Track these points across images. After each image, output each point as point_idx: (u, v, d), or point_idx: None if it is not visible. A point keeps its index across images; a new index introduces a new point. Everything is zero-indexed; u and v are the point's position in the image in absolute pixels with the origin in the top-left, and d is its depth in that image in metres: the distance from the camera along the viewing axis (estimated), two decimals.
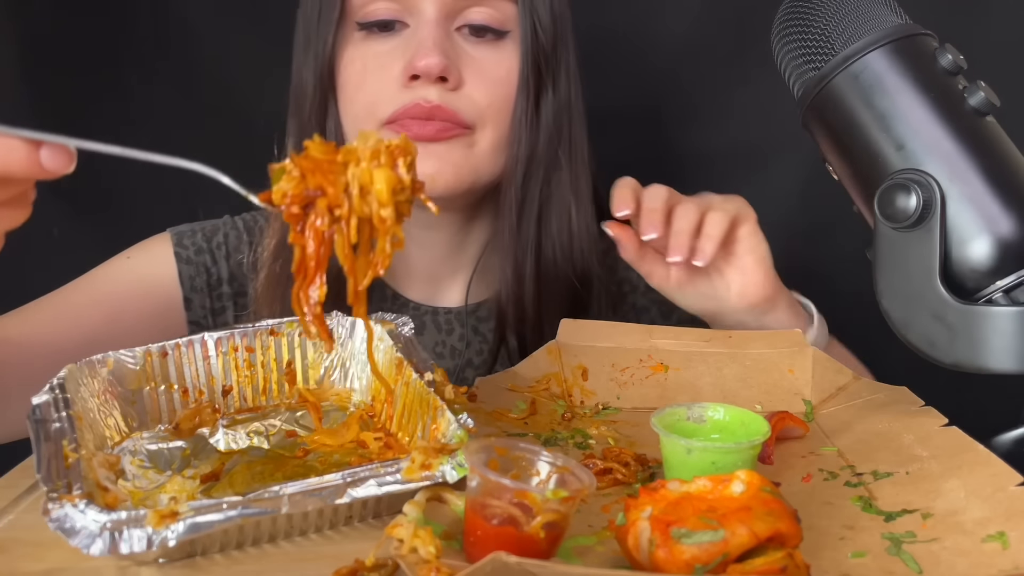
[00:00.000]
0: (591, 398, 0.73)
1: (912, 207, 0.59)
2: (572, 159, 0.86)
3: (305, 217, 0.50)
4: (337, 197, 0.49)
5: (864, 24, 0.62)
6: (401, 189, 0.50)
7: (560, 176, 0.86)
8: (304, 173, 0.49)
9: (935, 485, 0.53)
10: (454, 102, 0.79)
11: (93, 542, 0.44)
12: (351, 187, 0.49)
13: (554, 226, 0.86)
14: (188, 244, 0.89)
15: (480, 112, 0.81)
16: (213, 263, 0.89)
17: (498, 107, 0.82)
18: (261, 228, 0.92)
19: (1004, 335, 0.57)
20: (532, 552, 0.43)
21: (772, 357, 0.74)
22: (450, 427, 0.53)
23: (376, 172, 0.49)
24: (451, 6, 0.80)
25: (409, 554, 0.43)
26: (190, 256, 0.89)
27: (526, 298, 0.85)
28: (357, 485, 0.48)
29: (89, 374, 0.59)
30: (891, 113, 0.61)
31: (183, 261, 0.88)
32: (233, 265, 0.90)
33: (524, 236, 0.85)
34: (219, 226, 0.91)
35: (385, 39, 0.81)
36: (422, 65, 0.77)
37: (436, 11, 0.79)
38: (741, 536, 0.42)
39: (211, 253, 0.89)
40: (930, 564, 0.46)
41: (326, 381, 0.67)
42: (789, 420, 0.65)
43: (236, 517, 0.46)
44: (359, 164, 0.49)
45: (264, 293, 0.86)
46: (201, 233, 0.90)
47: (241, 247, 0.90)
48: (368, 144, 0.50)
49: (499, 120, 0.82)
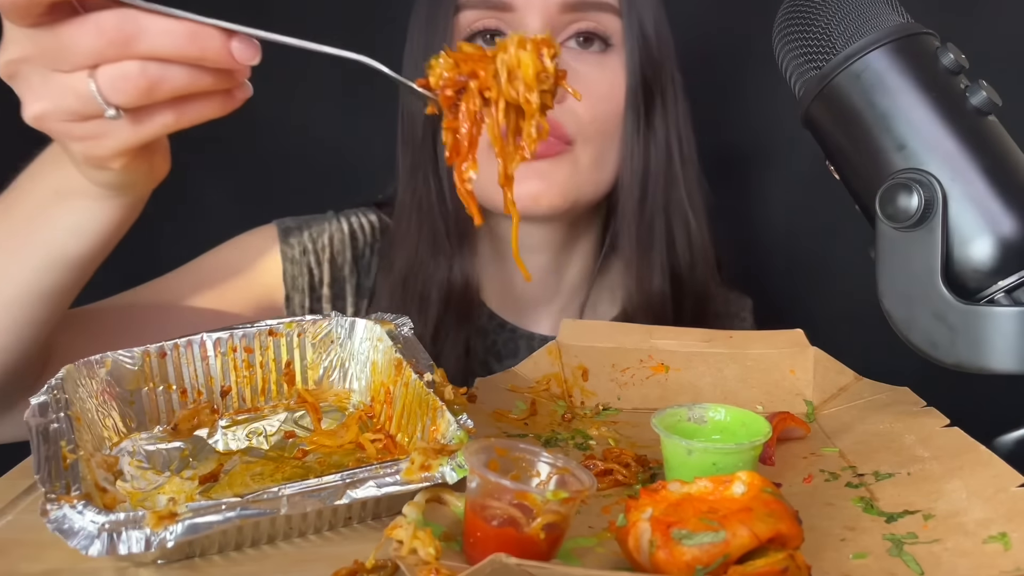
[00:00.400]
0: (591, 399, 0.73)
1: (914, 207, 0.59)
2: (687, 175, 0.86)
3: (457, 103, 0.55)
4: (487, 80, 0.54)
5: (865, 23, 0.62)
6: (545, 77, 0.54)
7: (678, 192, 0.85)
8: (457, 62, 0.55)
9: (936, 486, 0.53)
10: (558, 116, 0.79)
11: (91, 543, 0.44)
12: (499, 72, 0.54)
13: (679, 243, 0.86)
14: (294, 243, 0.90)
15: (582, 127, 0.81)
16: (317, 264, 0.90)
17: (601, 123, 0.82)
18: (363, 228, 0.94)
19: (1006, 335, 0.57)
20: (532, 553, 0.43)
21: (773, 357, 0.74)
22: (450, 428, 0.53)
23: (522, 55, 0.54)
24: (556, 19, 0.81)
25: (408, 555, 0.43)
26: (295, 256, 0.90)
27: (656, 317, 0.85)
28: (356, 486, 0.48)
29: (87, 374, 0.59)
30: (893, 112, 0.61)
31: (288, 260, 0.89)
32: (335, 268, 0.91)
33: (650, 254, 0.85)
34: (325, 227, 0.92)
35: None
36: None
37: (541, 26, 0.80)
38: (742, 537, 0.41)
39: (316, 255, 0.90)
40: (931, 565, 0.46)
41: (325, 382, 0.67)
42: (790, 421, 0.65)
43: (235, 518, 0.46)
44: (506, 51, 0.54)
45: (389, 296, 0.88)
46: (308, 233, 0.91)
47: (345, 251, 0.91)
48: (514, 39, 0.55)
49: (600, 136, 0.82)
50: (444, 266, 0.85)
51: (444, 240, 0.86)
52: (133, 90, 0.48)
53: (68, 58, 0.48)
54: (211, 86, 0.50)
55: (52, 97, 0.50)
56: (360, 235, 0.93)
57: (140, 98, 0.49)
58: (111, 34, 0.47)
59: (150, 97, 0.49)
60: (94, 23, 0.47)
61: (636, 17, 0.82)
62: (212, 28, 0.48)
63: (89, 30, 0.47)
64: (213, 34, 0.48)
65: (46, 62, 0.49)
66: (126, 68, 0.47)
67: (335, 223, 0.93)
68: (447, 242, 0.86)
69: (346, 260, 0.92)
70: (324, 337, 0.67)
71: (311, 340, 0.66)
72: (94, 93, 0.48)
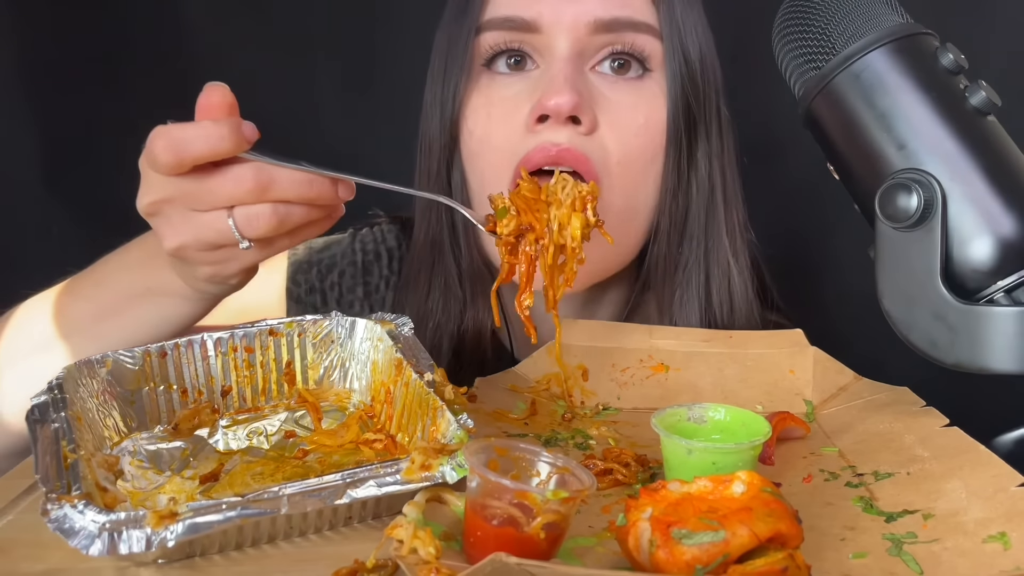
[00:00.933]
0: (591, 398, 0.73)
1: (913, 207, 0.59)
2: (728, 217, 0.77)
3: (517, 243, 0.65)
4: (542, 231, 0.65)
5: (865, 23, 0.62)
6: (587, 225, 0.65)
7: (719, 238, 0.77)
8: (519, 211, 0.64)
9: (936, 486, 0.53)
10: (585, 145, 0.71)
11: (92, 543, 0.44)
12: (551, 223, 0.64)
13: (716, 293, 0.77)
14: (301, 281, 0.87)
15: (608, 164, 0.72)
16: (323, 304, 0.88)
17: (631, 160, 0.73)
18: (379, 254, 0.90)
19: (1005, 335, 0.57)
20: (532, 553, 0.43)
21: (773, 357, 0.74)
22: (450, 427, 0.53)
23: (573, 216, 0.64)
24: (587, 42, 0.72)
25: (409, 555, 0.43)
26: (301, 295, 0.87)
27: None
28: (357, 486, 0.48)
29: (88, 374, 0.59)
30: (892, 113, 0.61)
31: (293, 299, 0.87)
32: (344, 307, 0.87)
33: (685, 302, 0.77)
34: (336, 260, 0.89)
35: (513, 81, 0.75)
36: (552, 104, 0.69)
37: (570, 48, 0.72)
38: (742, 537, 0.41)
39: (322, 294, 0.88)
40: (931, 565, 0.46)
41: (325, 381, 0.67)
42: (790, 420, 0.65)
43: (235, 518, 0.46)
44: (560, 207, 0.64)
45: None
46: (317, 269, 0.88)
47: (356, 288, 0.88)
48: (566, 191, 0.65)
49: (631, 175, 0.74)
50: (456, 315, 0.80)
51: (457, 286, 0.81)
52: (266, 227, 0.58)
53: (209, 200, 0.57)
54: (319, 215, 0.61)
55: (193, 232, 0.58)
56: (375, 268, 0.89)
57: (271, 232, 0.58)
58: (249, 184, 0.57)
59: (278, 231, 0.59)
60: (235, 175, 0.57)
61: (678, 38, 0.73)
62: (322, 177, 0.59)
63: (230, 179, 0.57)
64: (324, 181, 0.59)
65: (187, 203, 0.58)
66: (260, 209, 0.58)
67: (349, 256, 0.90)
68: (459, 288, 0.81)
69: (356, 297, 0.88)
70: (324, 337, 0.67)
71: (311, 340, 0.66)
72: (232, 229, 0.58)
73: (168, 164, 0.56)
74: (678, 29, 0.74)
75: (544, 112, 0.71)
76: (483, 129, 0.75)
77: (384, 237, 0.92)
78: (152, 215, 0.60)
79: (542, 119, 0.71)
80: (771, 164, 1.20)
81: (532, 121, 0.72)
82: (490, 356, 0.81)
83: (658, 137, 0.74)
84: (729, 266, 0.77)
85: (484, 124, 0.75)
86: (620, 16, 0.72)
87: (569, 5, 0.72)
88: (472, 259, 0.81)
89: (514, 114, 0.73)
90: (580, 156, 0.71)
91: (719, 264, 0.77)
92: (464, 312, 0.81)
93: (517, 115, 0.73)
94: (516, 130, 0.73)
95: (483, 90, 0.76)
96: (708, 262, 0.78)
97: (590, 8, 0.71)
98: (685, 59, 0.74)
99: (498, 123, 0.74)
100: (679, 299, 0.78)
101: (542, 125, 0.72)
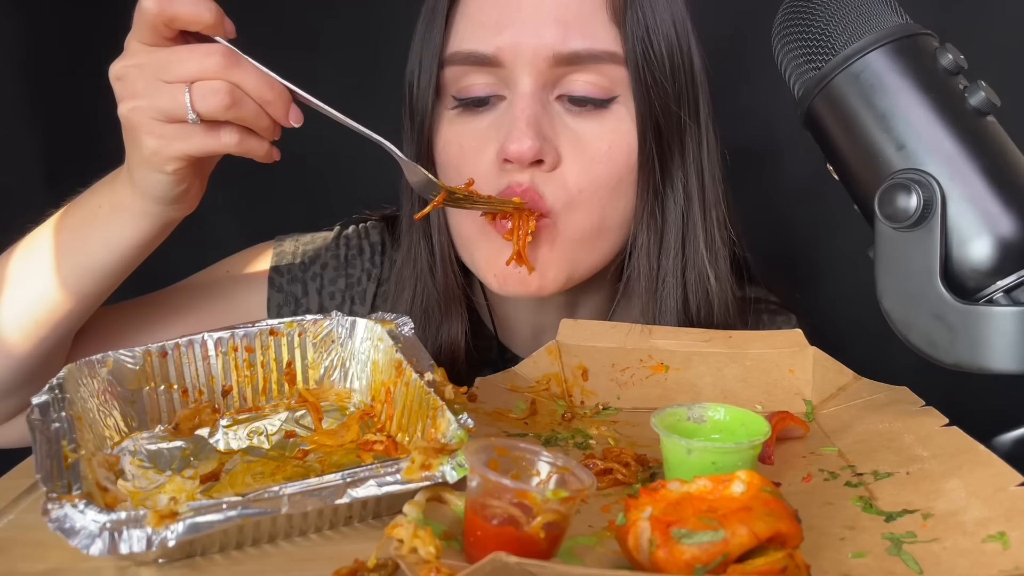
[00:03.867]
0: (591, 398, 0.73)
1: (912, 207, 0.59)
2: (707, 222, 0.78)
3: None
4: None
5: (865, 24, 0.62)
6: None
7: (697, 247, 0.78)
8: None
9: (935, 485, 0.53)
10: (544, 184, 0.73)
11: (93, 542, 0.44)
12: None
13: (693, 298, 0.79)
14: (284, 271, 0.89)
15: (569, 196, 0.74)
16: (304, 294, 0.89)
17: (597, 187, 0.74)
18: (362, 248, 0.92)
19: (1005, 335, 0.57)
20: (532, 552, 0.43)
21: (772, 357, 0.74)
22: (450, 427, 0.53)
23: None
24: (548, 76, 0.73)
25: (409, 554, 0.43)
26: (282, 284, 0.89)
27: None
28: (357, 485, 0.48)
29: (88, 374, 0.59)
30: (892, 113, 0.61)
31: (275, 287, 0.89)
32: (324, 297, 0.89)
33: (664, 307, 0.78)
34: (320, 252, 0.91)
35: (481, 115, 0.76)
36: (513, 151, 0.72)
37: (532, 83, 0.73)
38: (741, 536, 0.42)
39: (303, 284, 0.89)
40: (930, 564, 0.46)
41: (326, 381, 0.67)
42: (789, 420, 0.65)
43: (236, 517, 0.46)
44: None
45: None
46: (301, 258, 0.90)
47: (338, 280, 0.90)
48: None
49: (597, 201, 0.75)
50: (432, 335, 0.83)
51: (435, 307, 0.83)
52: (217, 103, 0.60)
53: (174, 70, 0.60)
54: (264, 128, 0.64)
55: (150, 96, 0.61)
56: (357, 261, 0.91)
57: (219, 112, 0.61)
58: (216, 57, 0.60)
59: (226, 114, 0.61)
60: (206, 49, 0.61)
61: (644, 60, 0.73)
62: (285, 87, 0.63)
63: (201, 51, 0.61)
64: (284, 92, 0.63)
65: (154, 71, 0.61)
66: (217, 85, 0.60)
67: (332, 249, 0.91)
68: (437, 310, 0.83)
69: (337, 289, 0.90)
70: (325, 337, 0.67)
71: (312, 340, 0.67)
72: (186, 100, 0.60)
73: (150, 12, 0.59)
74: (643, 49, 0.73)
75: (507, 158, 0.73)
76: (457, 164, 0.77)
77: (368, 233, 0.94)
78: (119, 79, 0.63)
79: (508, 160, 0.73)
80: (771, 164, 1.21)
81: (500, 160, 0.74)
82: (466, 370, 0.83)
83: (624, 160, 0.75)
84: (707, 274, 0.78)
85: (458, 160, 0.77)
86: (579, 49, 0.72)
87: (528, 39, 0.72)
88: (446, 284, 0.83)
89: (485, 148, 0.75)
90: (536, 196, 0.73)
91: (696, 269, 0.78)
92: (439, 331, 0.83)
93: (487, 152, 0.75)
94: (487, 167, 0.75)
95: (453, 122, 0.78)
96: (686, 272, 0.79)
97: (549, 43, 0.71)
98: (652, 80, 0.73)
99: (470, 159, 0.76)
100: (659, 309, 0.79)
101: (510, 165, 0.74)
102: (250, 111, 0.62)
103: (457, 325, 0.83)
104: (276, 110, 0.63)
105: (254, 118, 0.63)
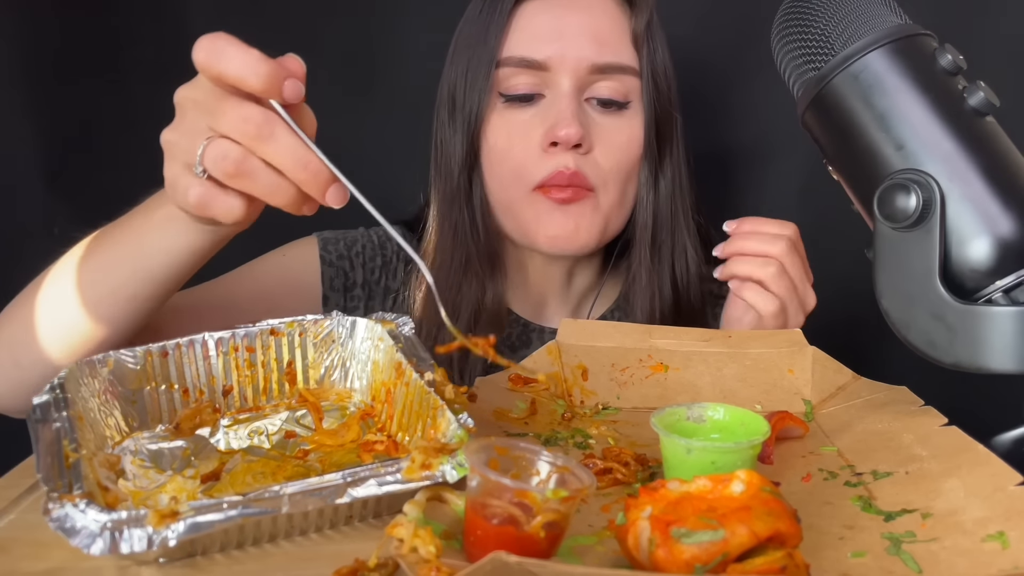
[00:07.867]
0: (591, 398, 0.73)
1: (912, 207, 0.59)
2: (684, 206, 0.99)
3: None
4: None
5: (864, 24, 0.62)
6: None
7: (681, 222, 0.99)
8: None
9: (935, 485, 0.53)
10: (584, 166, 0.91)
11: (93, 542, 0.44)
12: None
13: (678, 265, 0.99)
14: (332, 249, 1.00)
15: (603, 176, 0.93)
16: (351, 268, 1.01)
17: (618, 171, 0.94)
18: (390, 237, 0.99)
19: (1004, 335, 0.57)
20: (532, 552, 0.43)
21: (772, 357, 0.74)
22: (450, 427, 0.53)
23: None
24: (583, 80, 0.91)
25: (409, 554, 0.43)
26: (332, 260, 1.00)
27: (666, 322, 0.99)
28: (357, 485, 0.48)
29: (89, 374, 0.59)
30: (891, 113, 0.61)
31: (326, 264, 0.99)
32: (367, 272, 1.02)
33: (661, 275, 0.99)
34: (357, 237, 1.03)
35: (525, 108, 0.93)
36: (563, 134, 0.89)
37: (571, 85, 0.91)
38: (741, 536, 0.42)
39: (350, 260, 1.01)
40: (930, 564, 0.46)
41: (326, 381, 0.67)
42: (789, 420, 0.65)
43: (236, 517, 0.46)
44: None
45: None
46: (343, 241, 1.02)
47: (376, 257, 1.02)
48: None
49: (619, 182, 0.94)
50: (476, 287, 0.96)
51: (476, 263, 0.96)
52: (222, 169, 0.56)
53: (213, 120, 0.56)
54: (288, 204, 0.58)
55: (183, 133, 0.58)
56: (388, 246, 1.03)
57: (223, 178, 0.56)
58: (249, 127, 0.55)
59: (231, 182, 0.57)
60: (247, 110, 0.55)
61: (652, 76, 0.93)
62: (324, 167, 0.55)
63: (239, 111, 0.55)
64: (322, 169, 0.55)
65: (202, 111, 0.57)
66: (231, 151, 0.55)
67: (365, 235, 1.04)
68: (479, 265, 0.96)
69: (376, 265, 1.02)
70: (325, 337, 0.67)
71: (312, 340, 0.67)
72: (198, 151, 0.56)
73: (199, 63, 0.56)
74: (652, 68, 0.94)
75: (556, 140, 0.90)
76: (504, 148, 0.93)
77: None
78: (176, 104, 0.61)
79: (554, 144, 0.90)
80: (770, 165, 1.21)
81: (546, 144, 0.90)
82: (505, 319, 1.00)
83: (637, 151, 0.95)
84: (686, 244, 0.99)
85: (505, 144, 0.93)
86: (611, 62, 0.92)
87: (572, 50, 0.91)
88: (488, 242, 0.97)
89: (530, 135, 0.92)
90: (579, 174, 0.91)
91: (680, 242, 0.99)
92: (484, 285, 0.97)
93: (532, 136, 0.92)
94: (532, 150, 0.92)
95: (502, 113, 0.93)
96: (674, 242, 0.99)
97: (587, 55, 0.91)
98: (657, 91, 0.94)
99: (518, 144, 0.92)
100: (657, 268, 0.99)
101: (554, 149, 0.90)
102: (263, 186, 0.57)
103: (500, 281, 0.99)
104: (311, 189, 0.56)
105: (269, 193, 0.57)
